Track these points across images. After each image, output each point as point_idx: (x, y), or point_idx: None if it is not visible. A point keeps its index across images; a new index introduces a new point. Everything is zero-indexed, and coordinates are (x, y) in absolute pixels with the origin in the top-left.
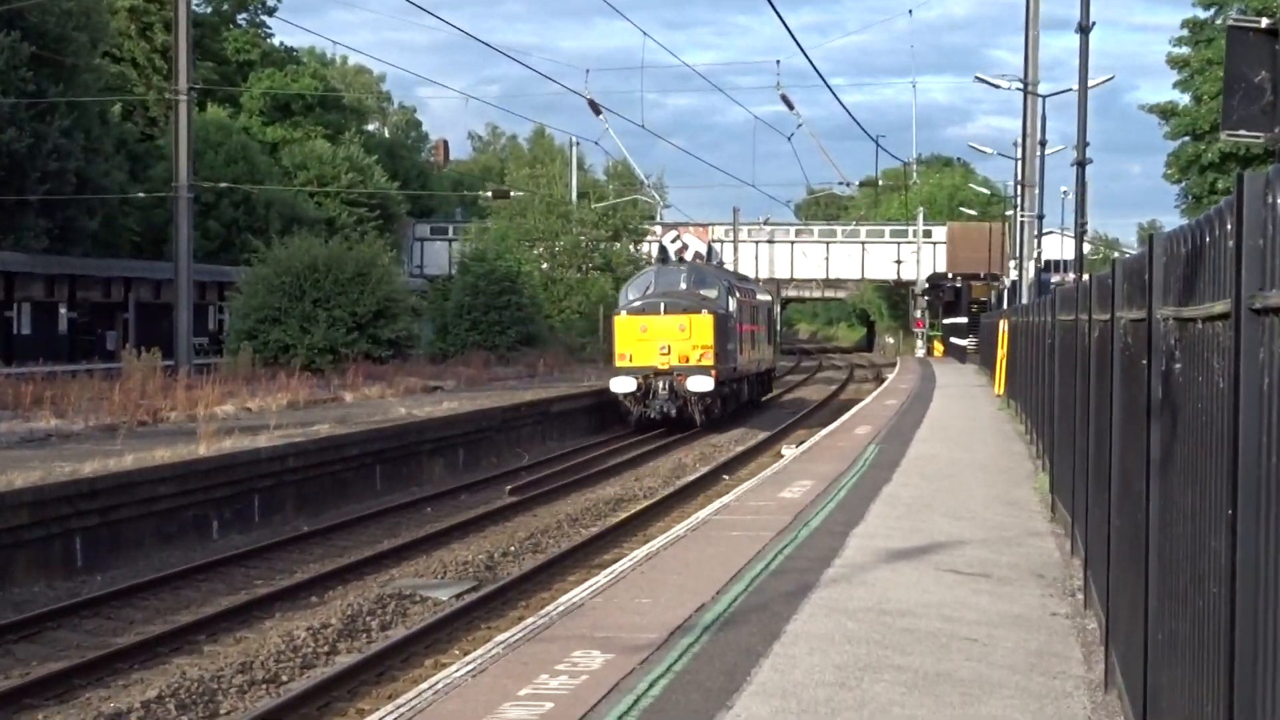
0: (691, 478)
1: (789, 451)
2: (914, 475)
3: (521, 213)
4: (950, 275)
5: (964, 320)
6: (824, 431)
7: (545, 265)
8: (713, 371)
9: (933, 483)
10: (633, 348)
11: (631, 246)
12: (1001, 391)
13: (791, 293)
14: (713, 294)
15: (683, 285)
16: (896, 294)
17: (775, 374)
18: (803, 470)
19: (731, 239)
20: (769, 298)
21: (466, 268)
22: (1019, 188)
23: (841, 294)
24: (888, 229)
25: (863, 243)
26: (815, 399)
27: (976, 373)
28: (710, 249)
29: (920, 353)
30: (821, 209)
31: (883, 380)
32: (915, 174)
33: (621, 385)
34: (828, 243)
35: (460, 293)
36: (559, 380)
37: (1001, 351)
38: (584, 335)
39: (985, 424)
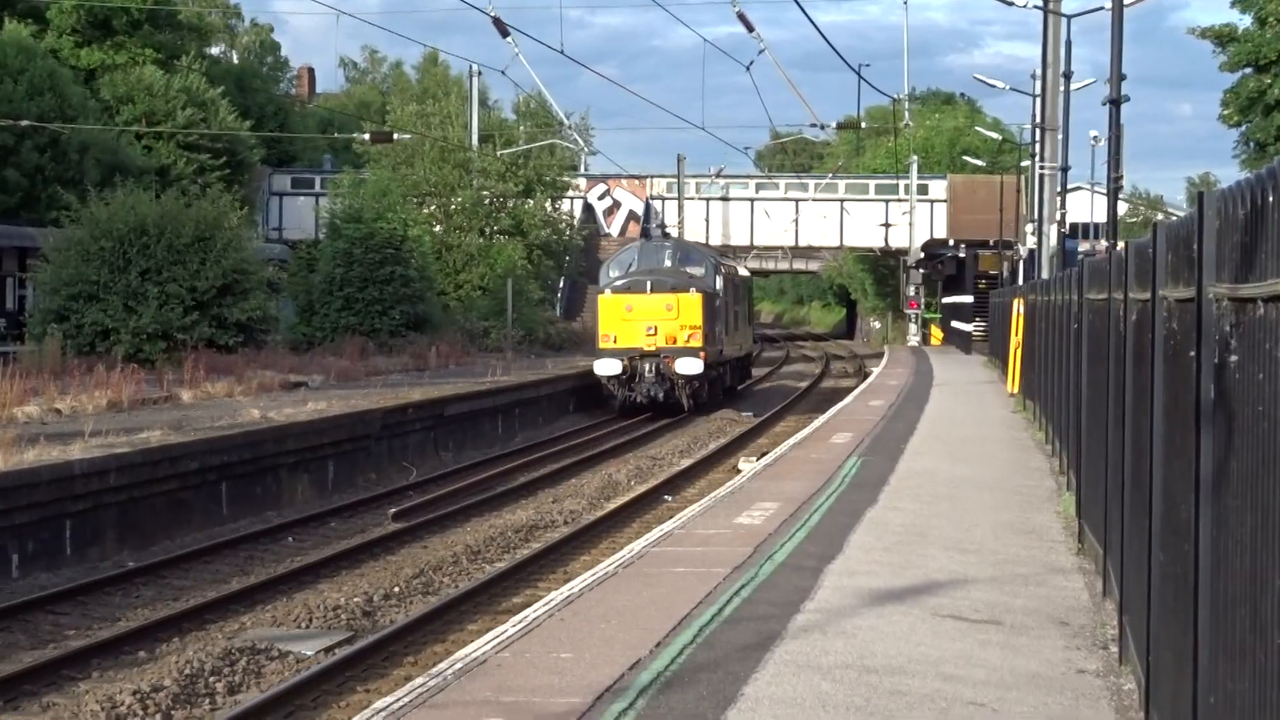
0: (625, 499)
1: (747, 466)
2: (905, 496)
3: (408, 161)
4: (952, 243)
5: (969, 300)
6: (791, 440)
7: (438, 228)
8: (701, 353)
9: (929, 505)
10: (617, 328)
11: (548, 204)
12: (1016, 389)
13: (752, 264)
14: (699, 271)
15: (668, 262)
16: (884, 266)
17: (753, 359)
18: (765, 490)
19: (675, 196)
20: (747, 274)
21: (337, 230)
22: (1038, 132)
23: (814, 266)
24: (872, 183)
25: (841, 200)
26: (778, 400)
27: (984, 365)
28: (648, 208)
29: (914, 340)
30: (790, 158)
31: (866, 375)
32: (907, 114)
33: (606, 368)
34: (797, 201)
35: (330, 263)
36: (457, 374)
37: (1016, 339)
38: (488, 317)
39: (995, 431)
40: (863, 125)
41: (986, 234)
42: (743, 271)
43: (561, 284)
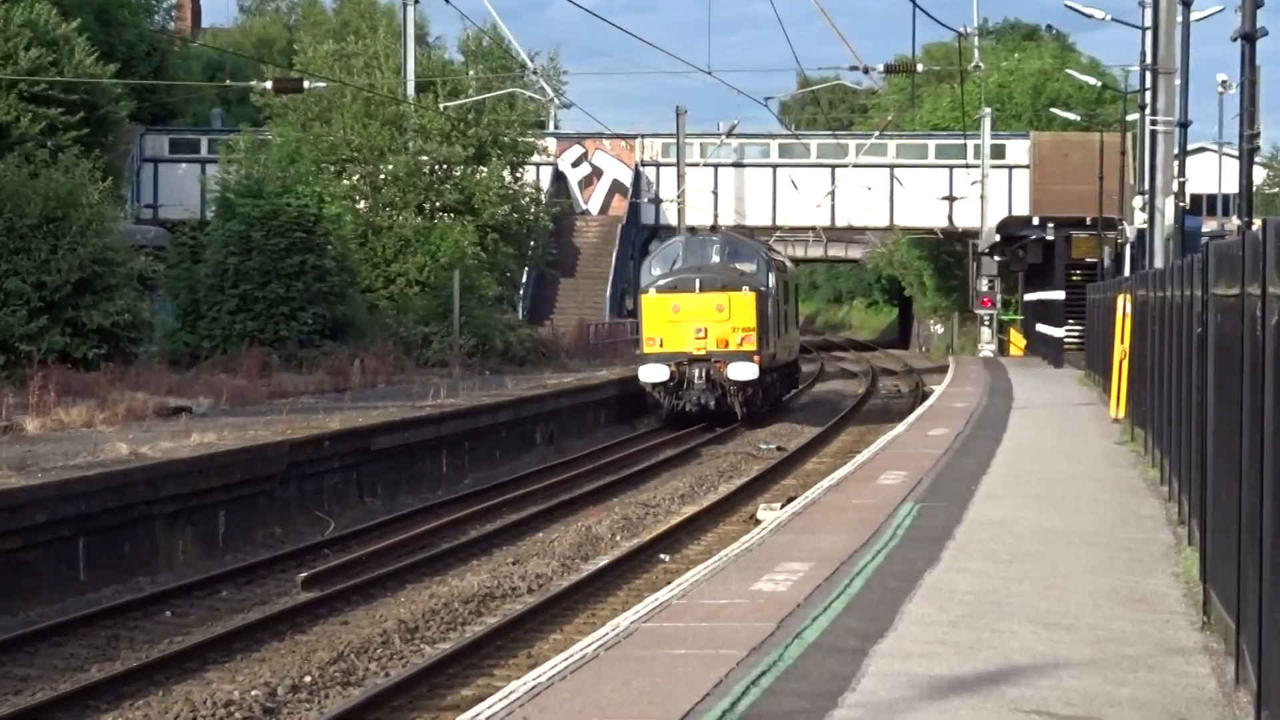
0: (608, 559)
1: (769, 515)
2: (976, 554)
3: (323, 117)
4: (1036, 221)
5: (1059, 296)
6: (827, 481)
7: (364, 204)
8: (755, 357)
9: (1007, 566)
10: (663, 331)
11: (507, 173)
12: (1122, 414)
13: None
14: (751, 267)
15: (715, 258)
16: (947, 253)
17: (799, 367)
18: (793, 546)
19: (674, 162)
20: (793, 268)
21: (231, 208)
22: (1148, 76)
23: (856, 253)
24: (932, 144)
25: (891, 166)
26: (810, 426)
27: (1080, 382)
28: (638, 177)
29: (987, 349)
30: (824, 112)
31: (925, 395)
32: (977, 53)
33: (652, 374)
34: (833, 167)
35: (221, 250)
36: (388, 396)
37: (1121, 348)
38: (429, 321)
39: (1094, 468)
40: (919, 68)
41: (1082, 210)
42: (791, 266)
43: (525, 277)
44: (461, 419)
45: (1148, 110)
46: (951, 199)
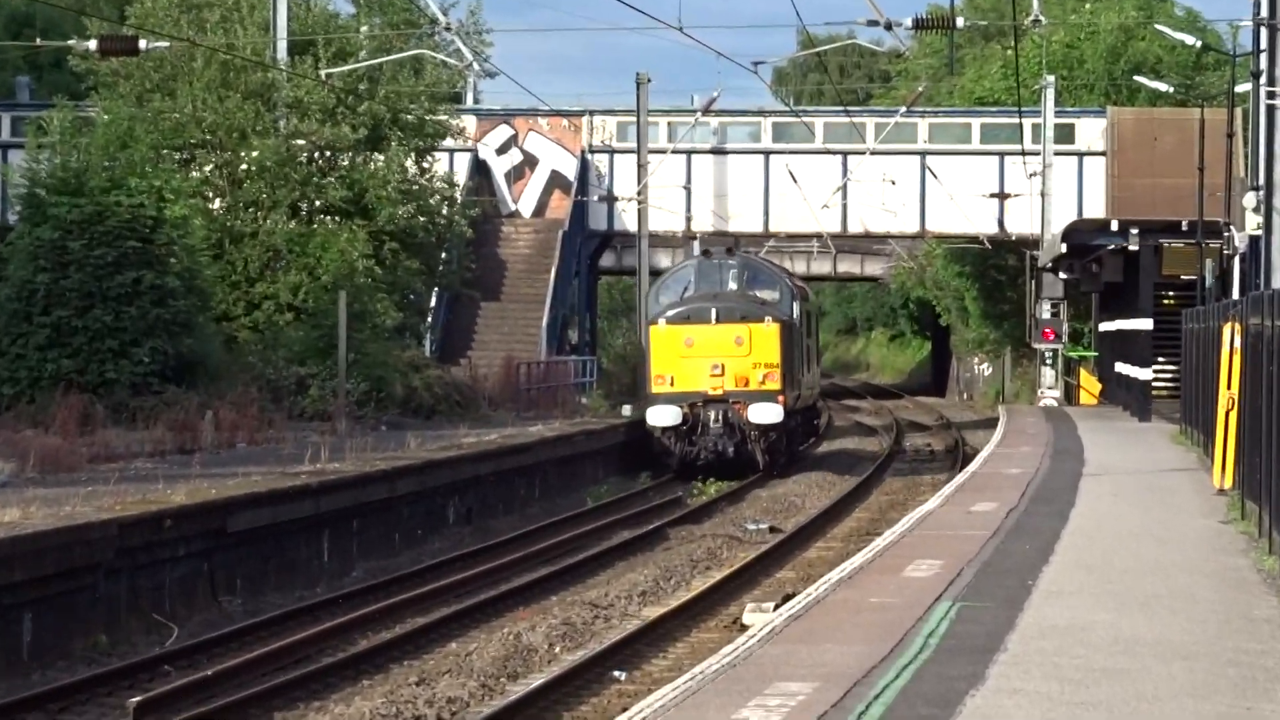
0: (543, 679)
1: (759, 619)
2: (1035, 671)
3: (165, 87)
4: (1115, 226)
5: (1145, 325)
6: (836, 573)
7: (220, 204)
8: (780, 397)
9: (1078, 688)
10: (674, 368)
11: (411, 162)
12: (1229, 483)
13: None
14: (773, 295)
15: (733, 284)
16: (996, 269)
17: (820, 411)
18: (790, 660)
19: (634, 147)
20: (813, 295)
21: (41, 208)
22: (1264, 34)
23: (875, 268)
24: (977, 124)
25: (922, 154)
26: (813, 499)
27: (1173, 440)
28: (585, 166)
29: (1050, 397)
30: (833, 83)
31: (966, 457)
32: (1037, 4)
33: (661, 417)
34: (844, 154)
35: (28, 265)
36: (251, 459)
37: (1228, 394)
38: (306, 359)
39: (1193, 555)
40: (959, 22)
41: (1175, 211)
42: (809, 289)
43: (435, 300)
44: (349, 490)
45: (1262, 79)
46: (1002, 197)
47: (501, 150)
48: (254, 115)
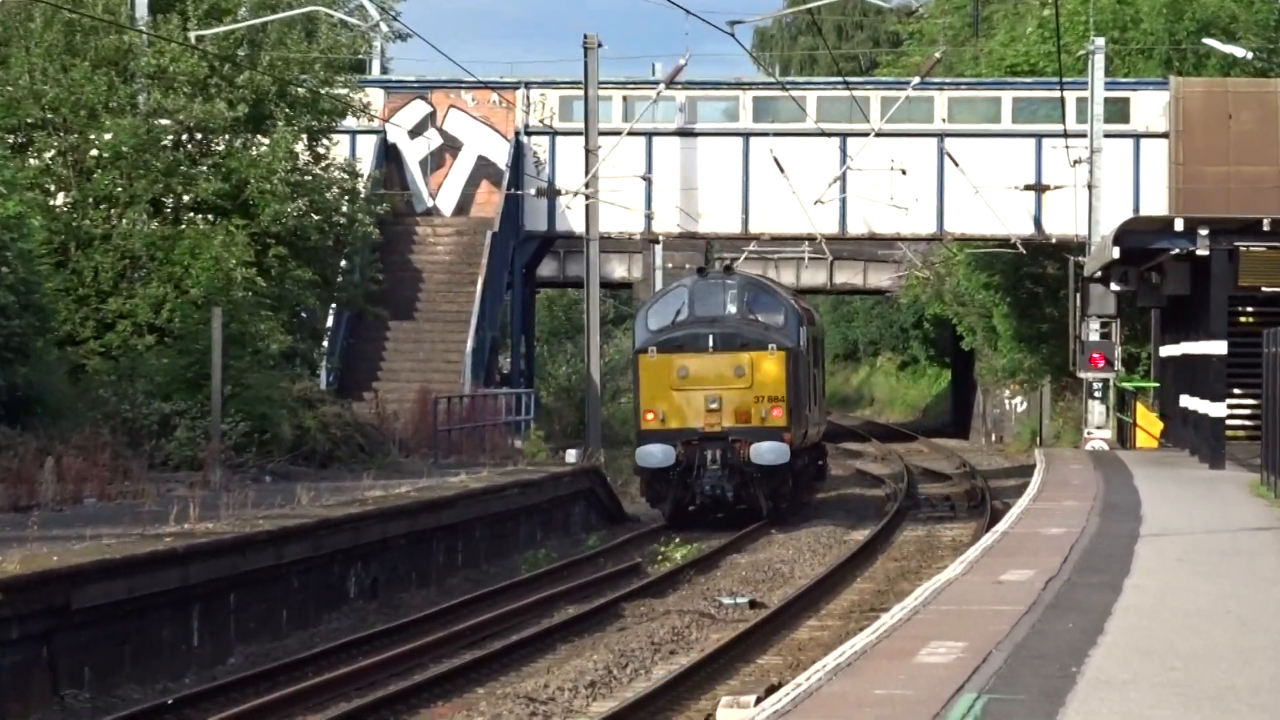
0: None
1: (733, 716)
2: None
3: None
4: (1180, 226)
5: (1218, 349)
6: (832, 658)
7: (64, 198)
8: (786, 435)
9: None
10: (665, 401)
11: (302, 146)
12: None
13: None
14: (777, 319)
15: (731, 307)
16: (1031, 279)
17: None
18: None
19: (581, 128)
20: (819, 318)
21: None
22: None
23: (881, 279)
24: (1007, 98)
25: (940, 135)
26: (804, 566)
27: (1254, 492)
28: (520, 151)
29: (1099, 437)
30: (829, 47)
31: (994, 513)
32: None
33: (653, 457)
34: (843, 136)
35: None
36: (103, 518)
37: None
38: (171, 393)
39: None
40: None
41: (1256, 206)
42: (814, 312)
43: (332, 320)
44: (225, 557)
45: None
46: (1040, 189)
47: (416, 132)
48: (106, 88)
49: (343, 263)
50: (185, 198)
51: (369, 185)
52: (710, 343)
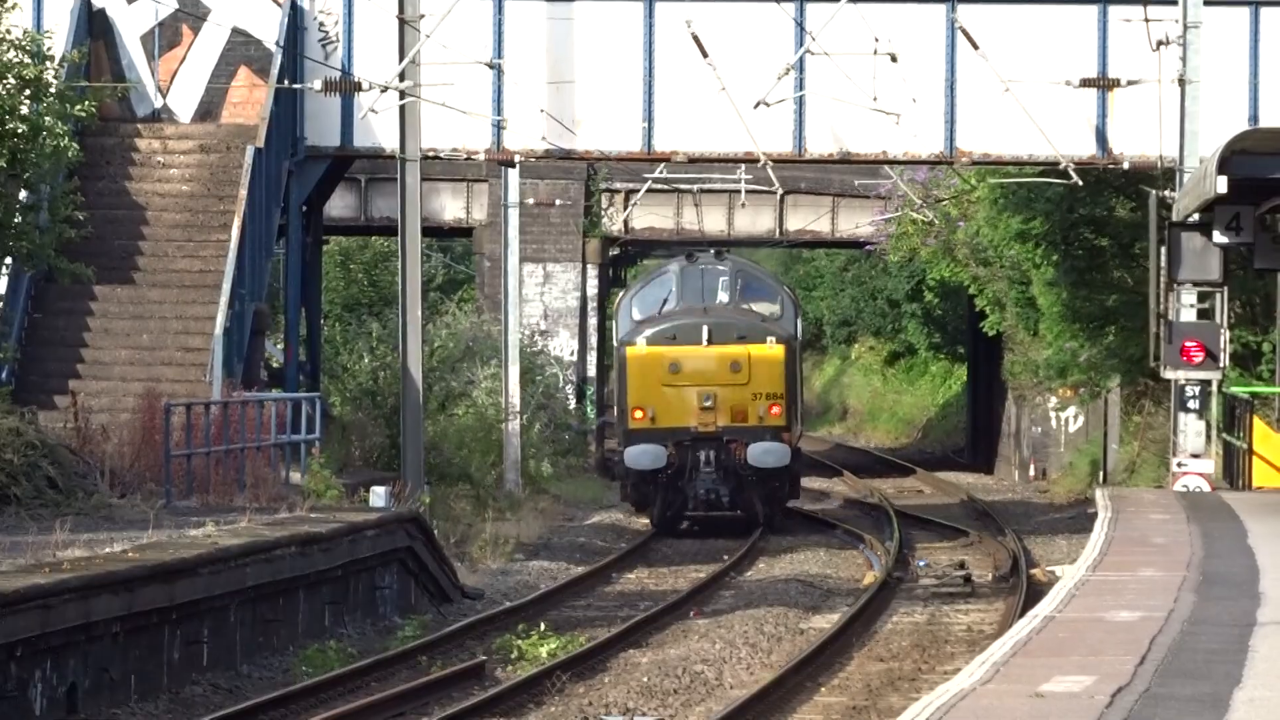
0: None
1: None
2: None
3: None
4: None
5: None
6: None
7: None
8: (785, 435)
9: None
10: (655, 399)
11: None
12: None
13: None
14: (773, 309)
15: (724, 295)
16: (1091, 226)
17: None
18: None
19: None
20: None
21: None
22: None
23: (863, 226)
24: None
25: (950, 1)
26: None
27: None
28: (298, 23)
29: (1195, 471)
30: None
31: (1035, 593)
32: None
33: (642, 458)
34: (801, 1)
35: None
36: None
37: None
38: None
39: None
40: None
41: None
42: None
43: (4, 284)
44: None
45: None
46: (1104, 85)
47: None
48: None
49: (22, 194)
50: None
51: (64, 74)
52: (705, 335)
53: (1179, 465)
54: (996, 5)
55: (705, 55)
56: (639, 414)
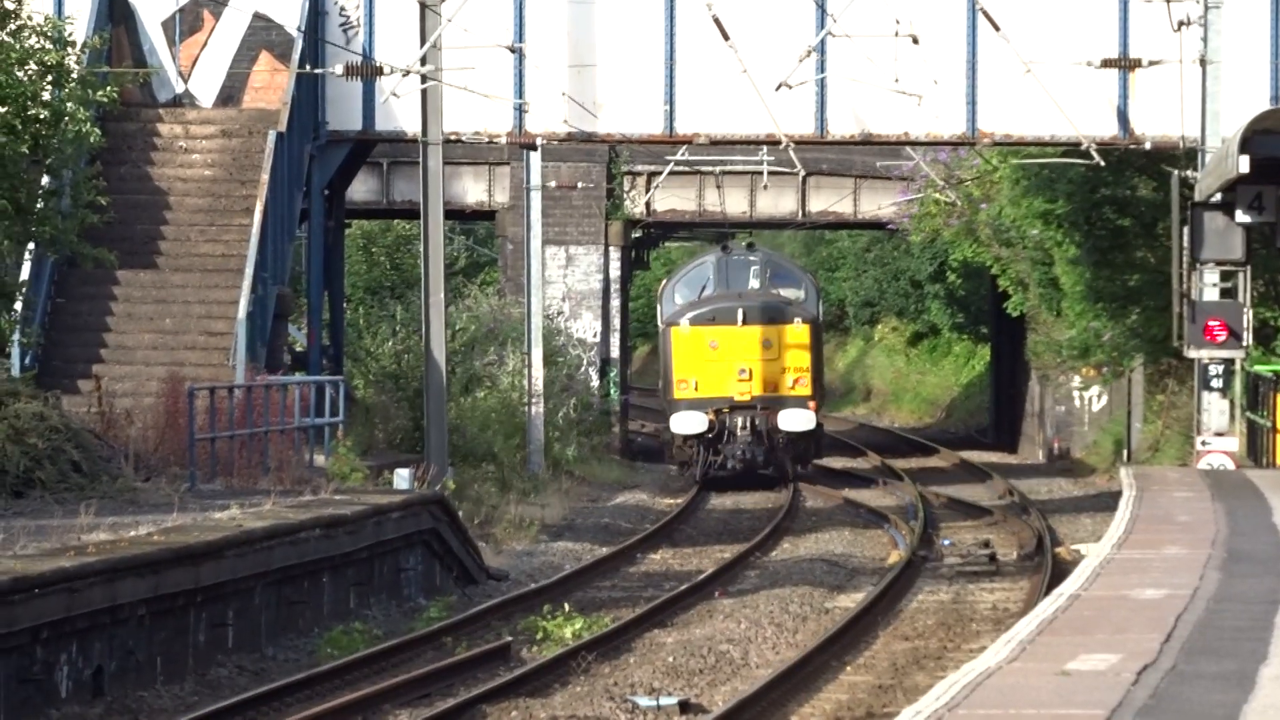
0: None
1: None
2: None
3: None
4: None
5: None
6: None
7: None
8: (811, 403)
9: None
10: (698, 371)
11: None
12: None
13: (673, 201)
14: (799, 293)
15: (754, 282)
16: (1114, 206)
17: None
18: None
19: None
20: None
21: None
22: None
23: (885, 207)
24: None
25: None
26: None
27: None
28: (318, 4)
29: (1219, 449)
30: None
31: (1060, 570)
32: None
33: (686, 424)
34: None
35: None
36: None
37: None
38: None
39: None
40: None
41: None
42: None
43: (28, 269)
44: None
45: None
46: (1126, 66)
47: None
48: None
49: (45, 180)
50: None
51: (85, 59)
52: (740, 317)
53: (1203, 444)
54: None
55: (726, 37)
56: (683, 385)
